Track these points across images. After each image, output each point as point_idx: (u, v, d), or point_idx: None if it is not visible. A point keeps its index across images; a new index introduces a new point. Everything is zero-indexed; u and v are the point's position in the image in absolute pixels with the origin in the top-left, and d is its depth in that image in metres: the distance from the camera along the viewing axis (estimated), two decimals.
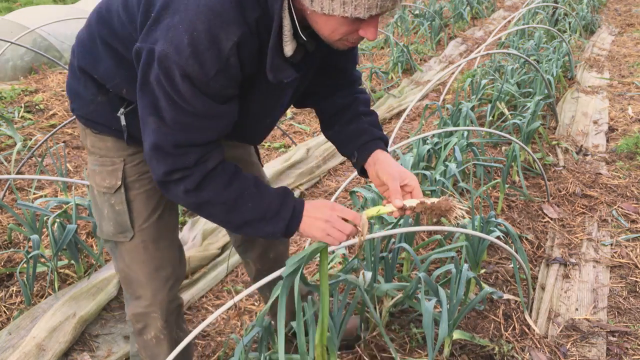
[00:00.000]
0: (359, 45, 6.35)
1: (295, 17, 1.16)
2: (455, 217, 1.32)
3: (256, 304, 2.43)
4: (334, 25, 1.14)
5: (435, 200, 1.33)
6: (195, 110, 1.17)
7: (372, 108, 1.72)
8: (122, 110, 1.37)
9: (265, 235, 1.33)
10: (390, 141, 3.32)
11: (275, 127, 4.24)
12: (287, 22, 1.16)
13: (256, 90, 1.29)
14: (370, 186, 2.72)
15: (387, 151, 1.50)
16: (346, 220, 1.34)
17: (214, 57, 1.12)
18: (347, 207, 3.17)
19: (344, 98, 1.54)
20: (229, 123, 1.26)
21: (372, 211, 1.36)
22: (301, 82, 1.39)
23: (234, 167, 1.31)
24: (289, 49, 1.19)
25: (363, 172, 1.53)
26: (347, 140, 1.52)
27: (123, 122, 1.38)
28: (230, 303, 1.66)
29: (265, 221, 1.30)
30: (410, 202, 1.34)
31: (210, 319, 1.56)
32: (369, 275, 1.95)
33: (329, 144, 3.94)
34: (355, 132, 1.51)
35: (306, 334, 1.66)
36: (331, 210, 1.32)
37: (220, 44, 1.11)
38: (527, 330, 2.24)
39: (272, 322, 1.73)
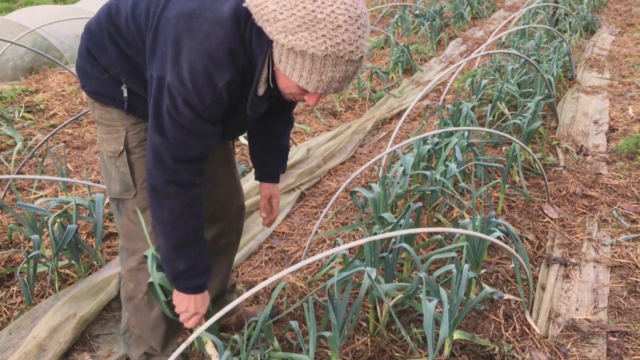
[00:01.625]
0: None
1: (271, 68, 1.41)
2: None
3: (254, 304, 2.43)
4: (288, 85, 1.40)
5: None
6: (192, 130, 1.44)
7: (370, 109, 1.85)
8: (124, 85, 1.60)
9: (165, 268, 1.62)
10: (390, 141, 3.32)
11: None
12: (265, 71, 1.41)
13: (236, 114, 1.55)
14: (370, 186, 2.72)
15: (274, 182, 1.99)
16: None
17: (210, 92, 1.39)
18: (348, 207, 3.18)
19: (277, 127, 1.90)
20: (216, 139, 1.54)
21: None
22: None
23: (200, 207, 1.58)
24: (261, 90, 1.46)
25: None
26: (258, 163, 1.98)
27: (125, 94, 1.60)
28: (230, 305, 1.66)
29: (186, 275, 1.59)
30: None
31: (212, 320, 1.56)
32: (373, 272, 1.95)
33: (329, 144, 3.94)
34: (264, 162, 1.97)
35: (306, 335, 1.65)
36: (194, 311, 1.64)
37: (215, 82, 1.38)
38: (527, 330, 2.24)
39: None
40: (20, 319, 2.24)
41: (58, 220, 2.41)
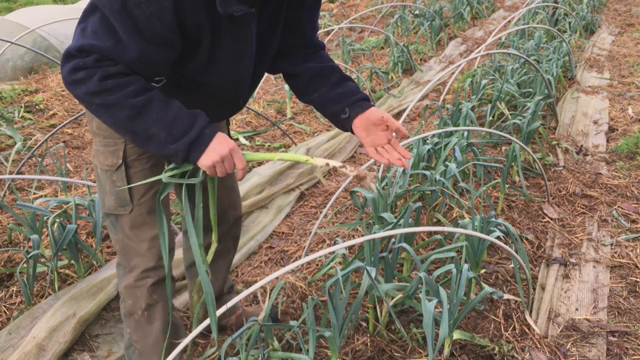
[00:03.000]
0: (359, 45, 6.35)
1: None
2: (365, 185, 1.53)
3: (254, 304, 2.43)
4: None
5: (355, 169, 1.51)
6: (114, 28, 1.25)
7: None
8: None
9: (166, 155, 1.38)
10: None
11: (275, 127, 4.25)
12: None
13: (218, 38, 1.37)
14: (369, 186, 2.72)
15: (370, 105, 1.63)
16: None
17: None
18: (348, 207, 3.18)
19: (323, 63, 1.67)
20: (135, 57, 1.30)
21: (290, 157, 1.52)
22: (266, 30, 1.50)
23: (147, 85, 1.36)
24: None
25: (346, 128, 1.66)
26: (338, 99, 1.62)
27: None
28: (230, 304, 1.66)
29: (171, 137, 1.35)
30: (334, 163, 1.51)
31: (211, 319, 1.56)
32: (373, 272, 1.95)
33: (329, 143, 3.94)
34: (346, 92, 1.62)
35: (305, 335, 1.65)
36: (229, 151, 1.40)
37: None
38: (527, 330, 2.24)
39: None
40: (20, 318, 2.24)
41: (58, 220, 2.41)
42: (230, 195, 1.95)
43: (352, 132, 1.64)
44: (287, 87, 4.67)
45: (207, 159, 1.39)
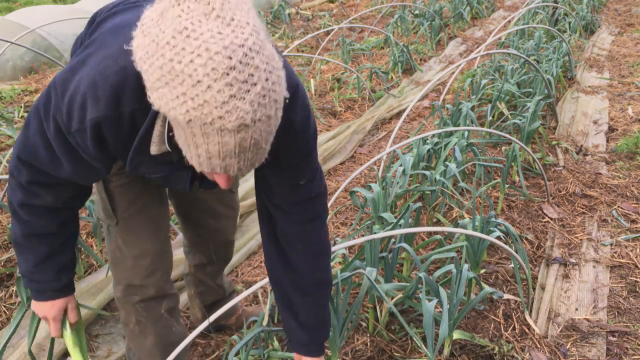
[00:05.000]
0: (358, 45, 6.36)
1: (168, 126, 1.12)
2: None
3: (254, 304, 2.43)
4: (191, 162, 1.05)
5: None
6: (50, 144, 1.23)
7: (370, 109, 1.74)
8: None
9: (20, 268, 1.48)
10: (390, 141, 3.32)
11: None
12: (159, 126, 1.12)
13: (147, 169, 1.30)
14: (369, 186, 2.72)
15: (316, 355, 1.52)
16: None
17: (77, 120, 1.14)
18: (347, 207, 3.17)
19: (308, 267, 1.44)
20: (66, 181, 1.31)
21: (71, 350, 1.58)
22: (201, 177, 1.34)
23: (57, 231, 1.43)
24: (154, 149, 1.15)
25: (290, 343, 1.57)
26: (286, 314, 1.50)
27: None
28: (230, 304, 1.67)
29: (30, 275, 1.47)
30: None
31: (211, 319, 1.56)
32: (373, 272, 1.95)
33: (329, 143, 3.94)
34: (295, 312, 1.49)
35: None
36: (45, 317, 1.54)
37: (85, 112, 1.13)
38: (527, 330, 2.24)
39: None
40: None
41: None
42: (220, 220, 1.91)
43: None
44: None
45: (36, 309, 1.53)
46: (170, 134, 1.08)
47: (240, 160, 0.98)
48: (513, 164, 3.30)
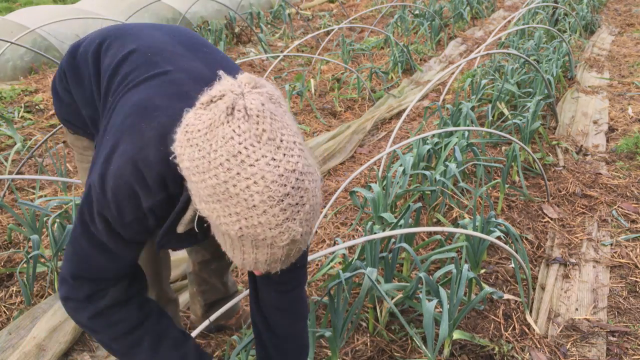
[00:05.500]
0: (358, 45, 6.35)
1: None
2: None
3: None
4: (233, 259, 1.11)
5: None
6: (103, 245, 1.21)
7: (370, 109, 1.74)
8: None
9: None
10: (390, 141, 3.32)
11: None
12: (192, 211, 1.15)
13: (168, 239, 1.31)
14: (369, 186, 2.72)
15: None
16: None
17: (132, 209, 1.15)
18: (347, 207, 3.17)
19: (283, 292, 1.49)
20: (126, 265, 1.29)
21: None
22: None
23: (140, 316, 1.33)
24: (182, 228, 1.19)
25: None
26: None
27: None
28: (230, 304, 1.67)
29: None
30: None
31: (211, 318, 1.56)
32: (373, 272, 1.95)
33: (329, 143, 3.94)
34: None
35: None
36: None
37: (139, 201, 1.14)
38: (527, 330, 2.24)
39: None
40: (20, 319, 2.24)
41: (58, 220, 2.41)
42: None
43: None
44: (287, 87, 4.68)
45: None
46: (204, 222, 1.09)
47: (284, 264, 1.06)
48: (513, 164, 3.30)
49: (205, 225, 1.09)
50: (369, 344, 2.14)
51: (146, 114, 1.17)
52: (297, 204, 0.97)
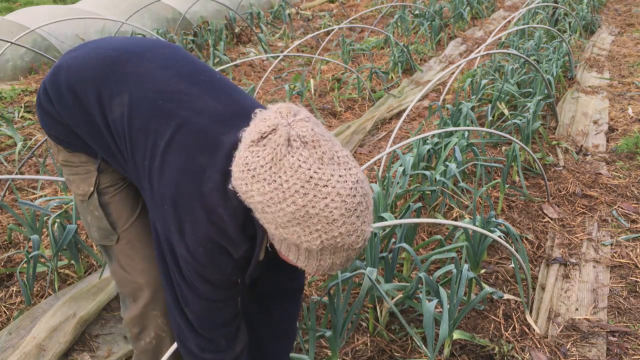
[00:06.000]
0: (358, 45, 6.35)
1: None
2: None
3: None
4: (287, 259, 1.20)
5: None
6: (215, 299, 1.33)
7: (370, 109, 1.76)
8: (99, 155, 1.46)
9: None
10: (390, 141, 3.32)
11: None
12: (265, 239, 1.25)
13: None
14: (370, 186, 2.72)
15: None
16: None
17: (228, 260, 1.26)
18: None
19: (282, 290, 1.63)
20: (237, 295, 1.41)
21: None
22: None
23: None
24: (262, 255, 1.29)
25: None
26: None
27: (99, 159, 1.47)
28: None
29: None
30: None
31: None
32: (374, 272, 1.95)
33: None
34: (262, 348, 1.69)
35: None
36: None
37: (231, 253, 1.25)
38: (527, 330, 2.24)
39: None
40: (20, 319, 2.24)
41: (58, 220, 2.41)
42: None
43: None
44: (286, 87, 4.67)
45: None
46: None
47: (351, 262, 1.18)
48: (513, 164, 3.30)
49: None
50: (369, 344, 2.14)
51: (199, 177, 1.23)
52: (366, 208, 1.09)
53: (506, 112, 4.00)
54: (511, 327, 2.25)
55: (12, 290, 2.46)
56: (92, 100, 1.36)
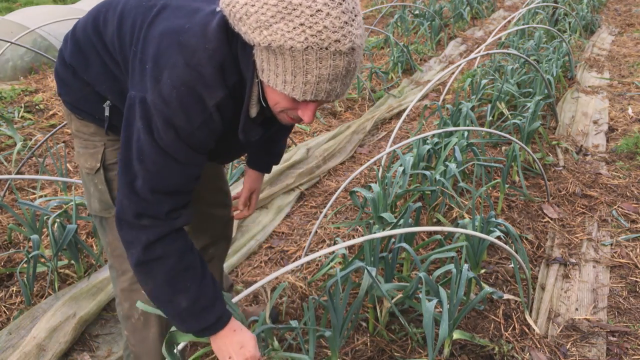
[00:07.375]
0: None
1: (260, 85, 1.26)
2: None
3: (254, 304, 2.43)
4: (277, 99, 1.22)
5: None
6: (175, 157, 1.27)
7: (370, 109, 1.81)
8: (108, 102, 1.48)
9: (180, 327, 1.41)
10: (390, 141, 3.32)
11: None
12: (255, 89, 1.25)
13: (229, 139, 1.39)
14: (369, 186, 2.72)
15: (263, 171, 1.89)
16: None
17: (199, 111, 1.23)
18: (347, 207, 3.17)
19: (275, 146, 1.84)
20: (200, 171, 1.36)
21: None
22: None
23: (192, 244, 1.40)
24: (253, 111, 1.29)
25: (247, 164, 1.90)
26: (251, 156, 1.88)
27: (107, 113, 1.48)
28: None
29: (191, 311, 1.37)
30: None
31: None
32: (373, 272, 1.95)
33: (329, 143, 3.94)
34: (257, 155, 1.87)
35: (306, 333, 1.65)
36: (240, 350, 1.42)
37: (204, 101, 1.23)
38: (527, 330, 2.24)
39: None
40: (20, 319, 2.24)
41: (58, 220, 2.41)
42: (216, 196, 1.93)
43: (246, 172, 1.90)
44: None
45: (218, 351, 1.44)
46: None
47: (343, 84, 1.17)
48: (513, 164, 3.30)
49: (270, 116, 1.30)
50: (369, 343, 2.14)
51: (178, 31, 1.23)
52: (352, 10, 1.10)
53: (506, 112, 4.00)
54: (511, 327, 2.25)
55: (12, 290, 2.46)
56: (91, 31, 1.45)
